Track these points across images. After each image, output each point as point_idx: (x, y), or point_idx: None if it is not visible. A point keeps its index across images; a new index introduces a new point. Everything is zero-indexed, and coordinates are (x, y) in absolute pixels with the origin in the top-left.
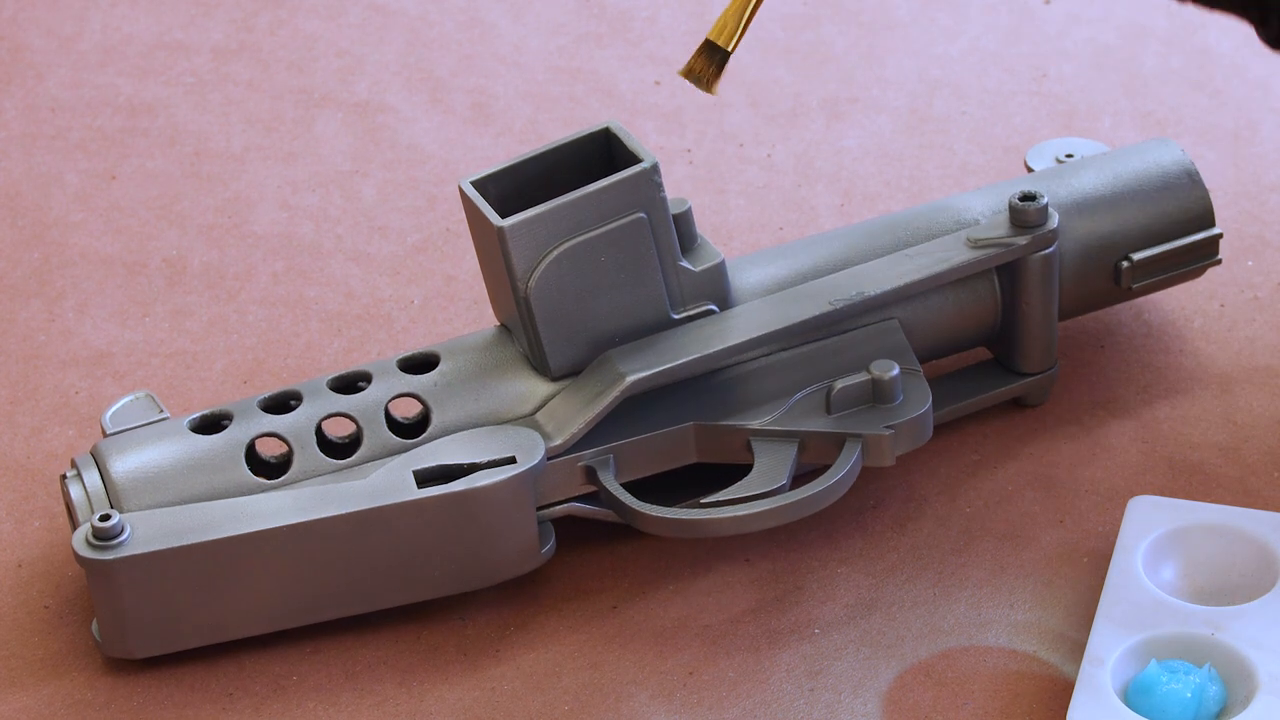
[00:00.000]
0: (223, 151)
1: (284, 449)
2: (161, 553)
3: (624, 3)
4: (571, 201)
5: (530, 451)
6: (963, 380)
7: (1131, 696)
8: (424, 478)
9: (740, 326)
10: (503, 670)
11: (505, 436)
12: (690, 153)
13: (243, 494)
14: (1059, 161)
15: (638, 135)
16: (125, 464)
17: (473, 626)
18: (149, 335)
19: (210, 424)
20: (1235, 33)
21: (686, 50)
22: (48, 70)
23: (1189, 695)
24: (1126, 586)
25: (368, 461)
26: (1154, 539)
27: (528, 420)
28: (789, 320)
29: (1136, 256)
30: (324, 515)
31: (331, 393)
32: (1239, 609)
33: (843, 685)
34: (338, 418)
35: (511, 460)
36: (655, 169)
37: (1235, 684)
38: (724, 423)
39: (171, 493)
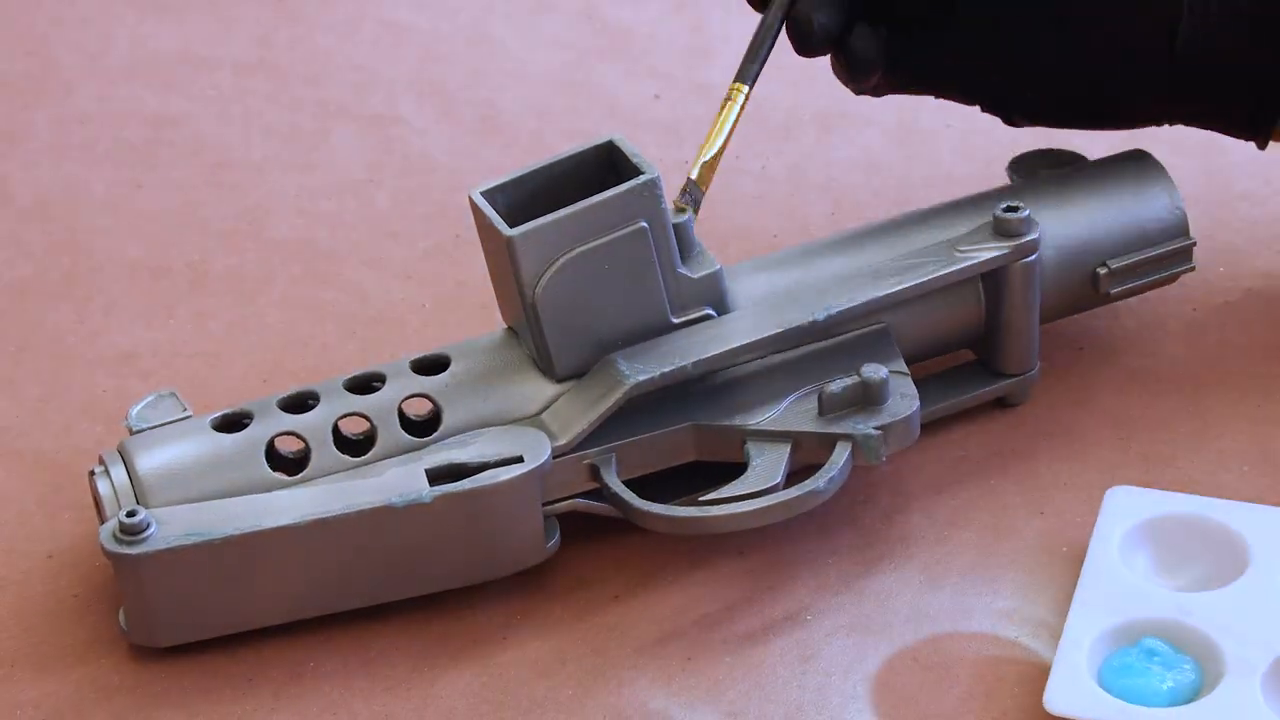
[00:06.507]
0: (243, 161)
1: (302, 447)
2: (185, 547)
3: (626, 20)
4: (577, 212)
5: (536, 451)
6: (948, 381)
7: (1106, 678)
8: (435, 476)
9: (737, 331)
10: (509, 657)
11: (513, 436)
12: (689, 164)
13: (262, 490)
14: (1040, 172)
15: (638, 147)
16: (151, 460)
17: (481, 615)
18: (173, 336)
19: (231, 422)
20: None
21: (685, 66)
22: (77, 84)
23: (1163, 678)
24: (1103, 573)
25: (381, 459)
26: (1130, 527)
27: (534, 420)
28: (783, 325)
29: (1114, 263)
30: (340, 512)
31: (347, 393)
32: (1209, 595)
33: (833, 669)
34: (353, 417)
35: (519, 459)
36: (657, 181)
37: (1204, 666)
38: (721, 423)
39: (195, 488)
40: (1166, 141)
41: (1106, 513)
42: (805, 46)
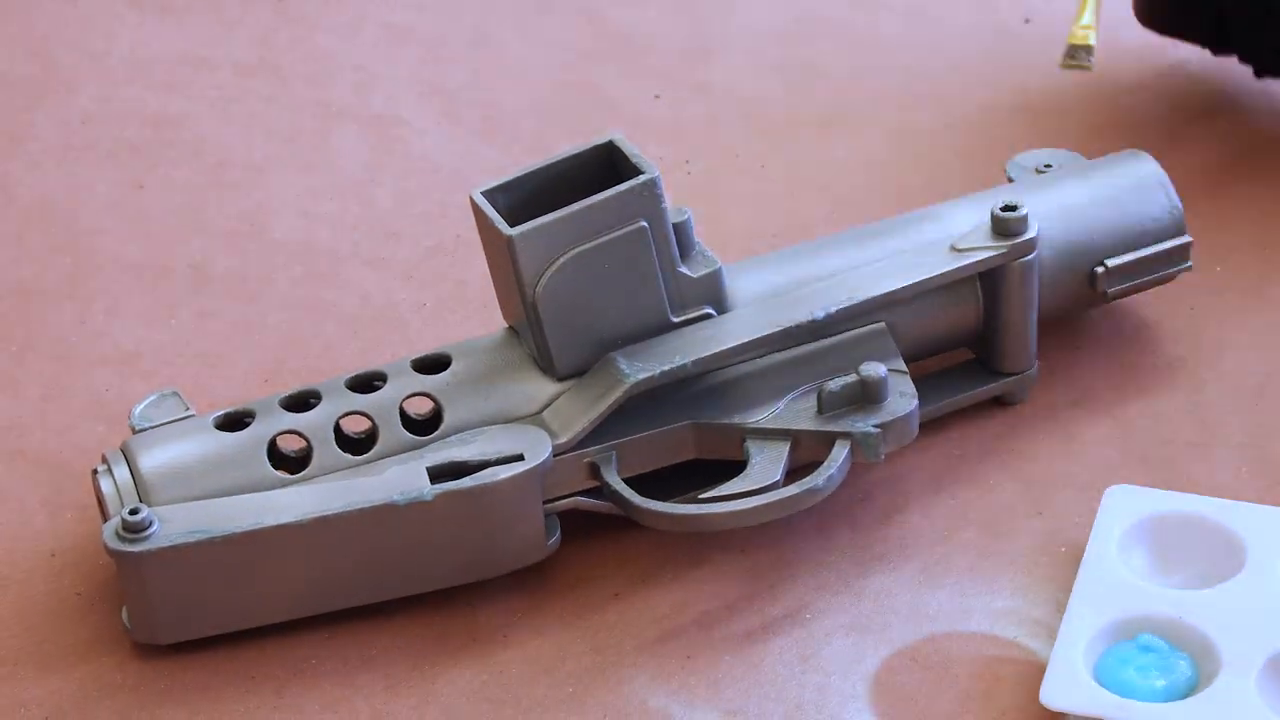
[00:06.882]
0: (244, 162)
1: (304, 445)
2: (188, 545)
3: (625, 21)
4: (577, 212)
5: (537, 449)
6: (946, 380)
7: (1103, 673)
8: (436, 474)
9: (736, 330)
10: (510, 655)
11: (513, 434)
12: (688, 164)
13: (265, 488)
14: (1038, 172)
15: (638, 147)
16: (153, 459)
17: (482, 613)
18: (175, 337)
19: (234, 421)
20: (1204, 50)
21: (685, 66)
22: (79, 85)
23: (1159, 674)
24: (1101, 569)
25: (383, 458)
26: (1129, 526)
27: (535, 419)
28: (782, 324)
29: (1111, 263)
30: (342, 510)
31: (349, 392)
32: (1206, 592)
33: (833, 668)
34: (355, 415)
35: (519, 457)
36: (657, 181)
37: (1200, 664)
38: (721, 421)
39: (197, 487)
40: (1166, 142)
41: (1105, 511)
42: None
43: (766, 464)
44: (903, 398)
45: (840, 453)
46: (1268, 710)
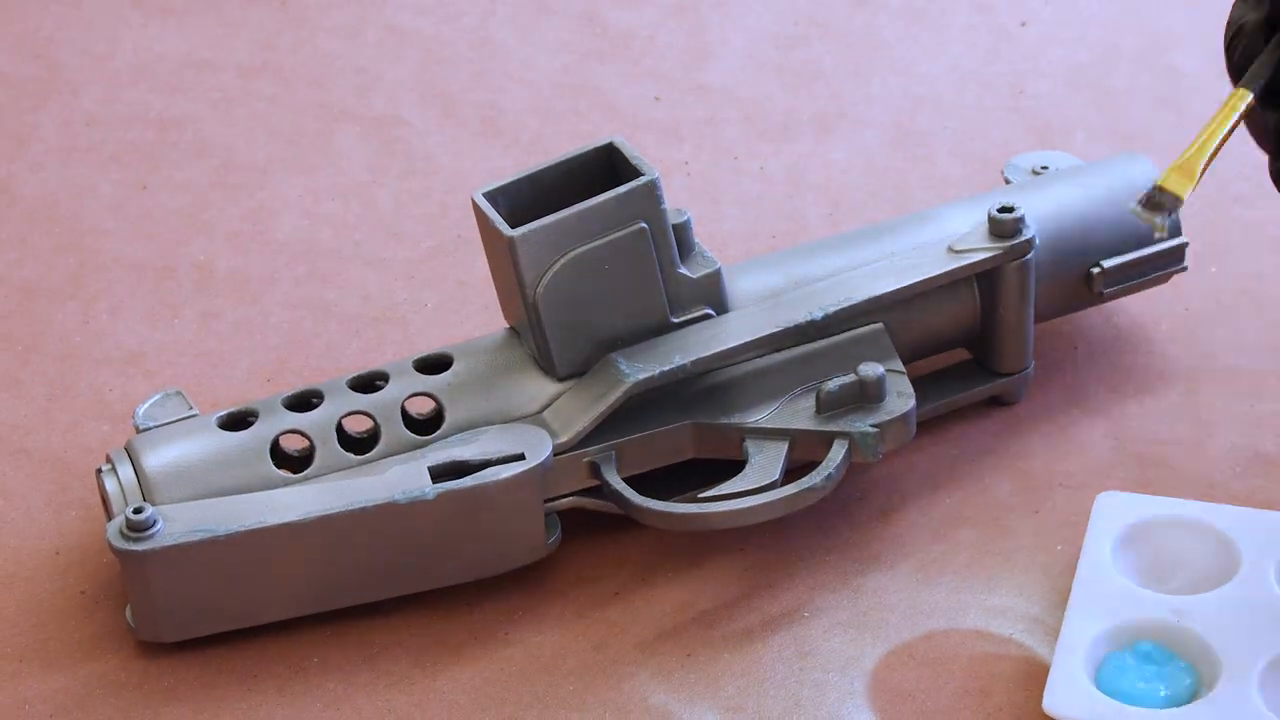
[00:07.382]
0: (248, 163)
1: (306, 444)
2: (191, 544)
3: (625, 23)
4: (578, 213)
5: (538, 448)
6: (944, 380)
7: (1103, 681)
8: (438, 473)
9: (735, 330)
10: (511, 652)
11: (514, 434)
12: (688, 165)
13: (267, 488)
14: (1034, 174)
15: (638, 148)
16: (157, 459)
17: (483, 611)
18: (178, 336)
19: (237, 421)
20: (1200, 54)
21: (685, 66)
22: (83, 87)
23: (1159, 681)
24: (1096, 578)
25: (385, 457)
26: (1121, 532)
27: (535, 419)
28: (781, 325)
29: (1107, 264)
30: (344, 509)
31: (351, 391)
32: (1202, 598)
33: (831, 665)
34: (357, 415)
35: (520, 457)
36: (656, 183)
37: (1200, 669)
38: (720, 421)
39: (200, 486)
40: (1160, 146)
41: (1096, 518)
42: None
43: (765, 463)
44: (900, 397)
45: (838, 452)
46: (1271, 715)
